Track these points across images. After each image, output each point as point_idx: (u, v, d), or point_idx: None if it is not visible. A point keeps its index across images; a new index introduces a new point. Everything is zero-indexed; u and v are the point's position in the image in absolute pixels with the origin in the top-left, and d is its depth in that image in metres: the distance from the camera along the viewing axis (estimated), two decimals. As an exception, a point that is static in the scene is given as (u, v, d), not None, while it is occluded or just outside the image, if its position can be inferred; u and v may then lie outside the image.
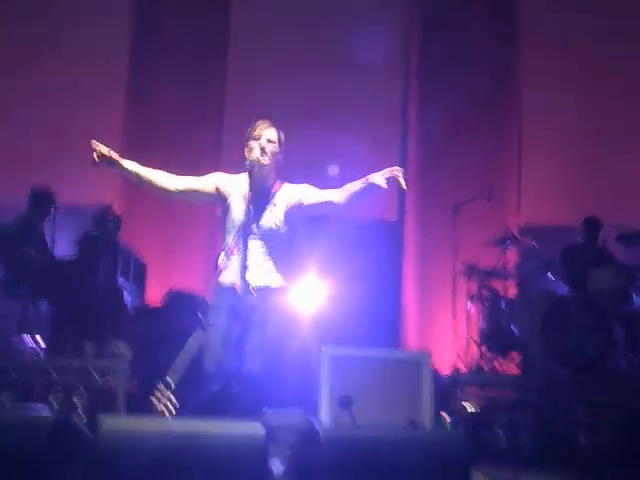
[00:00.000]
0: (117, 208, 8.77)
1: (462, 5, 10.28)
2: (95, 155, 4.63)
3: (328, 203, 4.90)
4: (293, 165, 5.14)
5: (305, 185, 5.01)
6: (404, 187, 4.69)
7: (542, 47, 10.29)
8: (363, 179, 4.76)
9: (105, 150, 4.65)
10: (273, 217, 4.88)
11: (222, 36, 10.43)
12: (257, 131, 4.89)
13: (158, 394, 4.66)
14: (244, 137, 4.94)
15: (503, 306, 8.14)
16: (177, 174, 4.97)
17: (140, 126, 10.06)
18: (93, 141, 4.64)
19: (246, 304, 4.62)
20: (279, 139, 4.95)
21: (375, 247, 9.69)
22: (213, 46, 10.38)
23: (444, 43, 10.25)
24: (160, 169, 4.93)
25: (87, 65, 10.10)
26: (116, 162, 4.70)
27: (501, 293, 8.42)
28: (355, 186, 4.79)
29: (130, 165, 4.79)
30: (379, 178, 4.68)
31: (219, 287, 4.85)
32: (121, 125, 10.06)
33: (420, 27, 10.46)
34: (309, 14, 10.37)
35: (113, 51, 10.23)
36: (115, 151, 4.72)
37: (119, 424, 4.18)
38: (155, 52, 10.25)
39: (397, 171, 4.70)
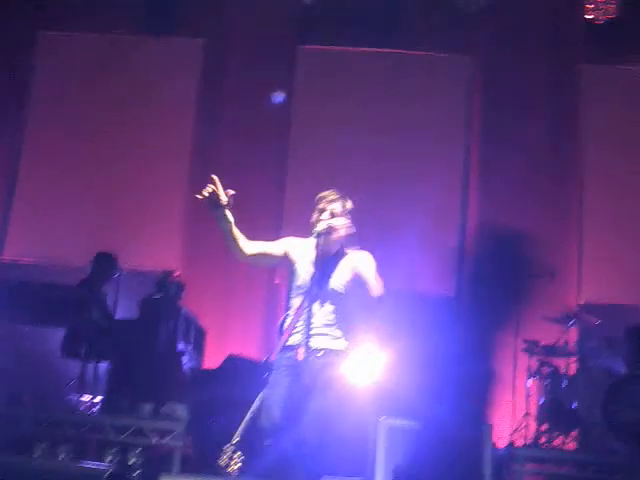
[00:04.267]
0: (179, 273, 8.88)
1: (523, 69, 10.22)
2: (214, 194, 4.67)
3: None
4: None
5: (366, 253, 5.02)
6: None
7: (603, 120, 10.16)
8: None
9: (222, 193, 4.69)
10: (338, 282, 4.91)
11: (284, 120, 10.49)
12: (322, 204, 4.98)
13: (225, 456, 4.66)
14: (313, 202, 5.03)
15: (564, 383, 8.03)
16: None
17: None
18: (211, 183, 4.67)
19: (309, 368, 4.67)
20: (344, 210, 5.00)
21: (434, 320, 9.58)
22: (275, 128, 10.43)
23: (504, 112, 10.16)
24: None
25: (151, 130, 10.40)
26: (226, 206, 4.72)
27: (562, 371, 8.29)
28: None
29: (230, 217, 4.78)
30: None
31: (283, 349, 4.87)
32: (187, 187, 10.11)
33: (480, 94, 10.42)
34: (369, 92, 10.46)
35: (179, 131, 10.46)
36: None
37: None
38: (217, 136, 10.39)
39: None
